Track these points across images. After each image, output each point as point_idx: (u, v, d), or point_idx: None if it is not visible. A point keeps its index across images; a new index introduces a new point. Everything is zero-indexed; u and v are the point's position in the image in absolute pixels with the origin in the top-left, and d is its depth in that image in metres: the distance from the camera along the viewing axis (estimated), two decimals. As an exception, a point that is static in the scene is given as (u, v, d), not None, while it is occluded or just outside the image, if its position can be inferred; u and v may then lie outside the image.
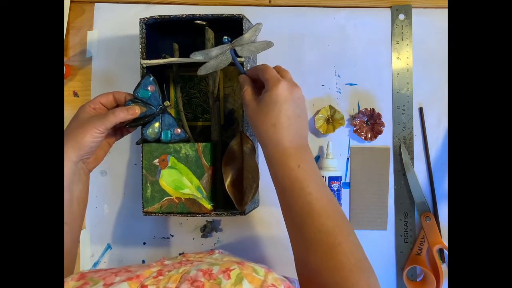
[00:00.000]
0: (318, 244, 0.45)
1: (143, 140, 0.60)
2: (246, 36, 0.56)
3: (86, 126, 0.52)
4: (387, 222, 0.71)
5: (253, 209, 0.68)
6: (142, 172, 0.60)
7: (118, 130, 0.60)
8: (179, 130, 0.60)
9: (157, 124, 0.59)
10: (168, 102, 0.59)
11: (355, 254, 0.44)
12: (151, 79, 0.58)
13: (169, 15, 0.61)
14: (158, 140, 0.60)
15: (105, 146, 0.59)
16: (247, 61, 0.61)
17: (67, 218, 0.52)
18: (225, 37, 0.56)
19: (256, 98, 0.51)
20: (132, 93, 0.58)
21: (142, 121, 0.58)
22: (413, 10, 0.71)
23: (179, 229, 0.73)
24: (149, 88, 0.58)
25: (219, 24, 0.58)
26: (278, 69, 0.53)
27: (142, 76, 0.61)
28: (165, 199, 0.60)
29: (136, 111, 0.56)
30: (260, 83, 0.53)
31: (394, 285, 0.71)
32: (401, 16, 0.71)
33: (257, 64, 0.68)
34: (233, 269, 0.40)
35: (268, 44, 0.57)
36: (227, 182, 0.58)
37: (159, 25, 0.63)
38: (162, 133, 0.59)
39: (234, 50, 0.56)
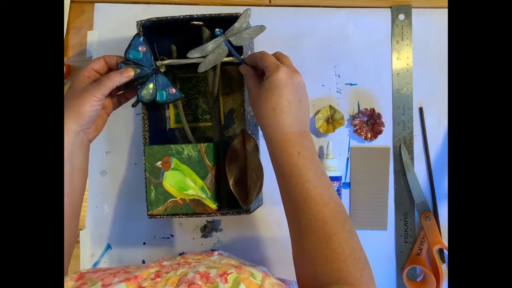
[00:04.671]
0: (313, 231, 0.45)
1: (140, 102, 0.59)
2: (237, 25, 0.56)
3: (84, 95, 0.52)
4: (387, 222, 0.71)
5: (258, 207, 0.68)
6: (145, 175, 0.60)
7: (115, 99, 0.60)
8: (173, 90, 0.59)
9: (151, 85, 0.58)
10: (160, 61, 0.59)
11: (350, 244, 0.44)
12: (141, 39, 0.57)
13: (166, 17, 0.61)
14: (153, 101, 0.59)
15: (104, 116, 0.59)
16: (246, 50, 0.61)
17: (68, 189, 0.53)
18: (217, 29, 0.56)
19: (258, 85, 0.51)
20: (123, 56, 0.57)
21: (136, 83, 0.57)
22: (413, 10, 0.71)
23: (179, 229, 0.73)
24: (140, 49, 0.57)
25: (216, 24, 0.58)
26: (278, 55, 0.53)
27: (132, 38, 0.59)
28: (169, 201, 0.60)
29: (130, 73, 0.56)
30: (261, 70, 0.53)
31: (394, 285, 0.71)
32: (401, 16, 0.71)
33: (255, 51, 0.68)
34: (231, 273, 0.40)
35: (260, 28, 0.57)
36: (231, 181, 0.58)
37: (156, 26, 0.63)
38: (157, 93, 0.59)
39: (229, 41, 0.56)
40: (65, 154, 0.52)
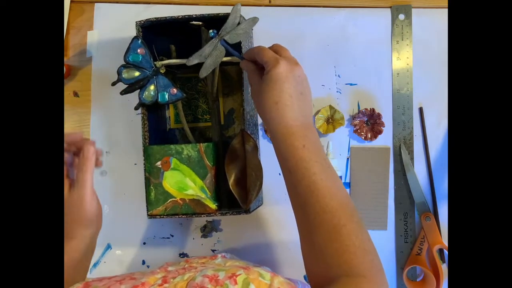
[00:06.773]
0: (322, 224, 0.44)
1: (141, 105, 0.59)
2: (229, 22, 0.55)
3: (75, 200, 0.51)
4: (387, 222, 0.71)
5: (258, 207, 0.68)
6: (145, 175, 0.60)
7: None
8: (175, 90, 0.59)
9: (152, 87, 0.58)
10: (159, 62, 0.58)
11: (359, 236, 0.44)
12: (139, 42, 0.57)
13: (165, 17, 0.61)
14: (155, 103, 0.59)
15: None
16: (245, 46, 0.61)
17: (80, 276, 0.53)
18: (211, 30, 0.56)
19: (259, 80, 0.51)
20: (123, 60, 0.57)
21: (137, 86, 0.57)
22: (413, 10, 0.71)
23: (179, 229, 0.73)
24: (138, 51, 0.57)
25: (216, 24, 0.58)
26: (276, 47, 0.52)
27: (131, 41, 0.59)
28: (169, 201, 0.60)
29: (93, 150, 0.52)
30: (261, 64, 0.52)
31: (394, 285, 0.71)
32: (401, 16, 0.71)
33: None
34: (239, 274, 0.40)
35: (253, 20, 0.56)
36: (231, 181, 0.58)
37: (155, 27, 0.63)
38: (159, 95, 0.59)
39: (225, 40, 0.56)
40: (77, 257, 0.52)
